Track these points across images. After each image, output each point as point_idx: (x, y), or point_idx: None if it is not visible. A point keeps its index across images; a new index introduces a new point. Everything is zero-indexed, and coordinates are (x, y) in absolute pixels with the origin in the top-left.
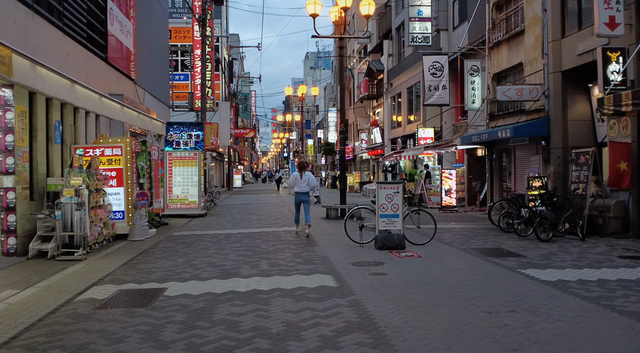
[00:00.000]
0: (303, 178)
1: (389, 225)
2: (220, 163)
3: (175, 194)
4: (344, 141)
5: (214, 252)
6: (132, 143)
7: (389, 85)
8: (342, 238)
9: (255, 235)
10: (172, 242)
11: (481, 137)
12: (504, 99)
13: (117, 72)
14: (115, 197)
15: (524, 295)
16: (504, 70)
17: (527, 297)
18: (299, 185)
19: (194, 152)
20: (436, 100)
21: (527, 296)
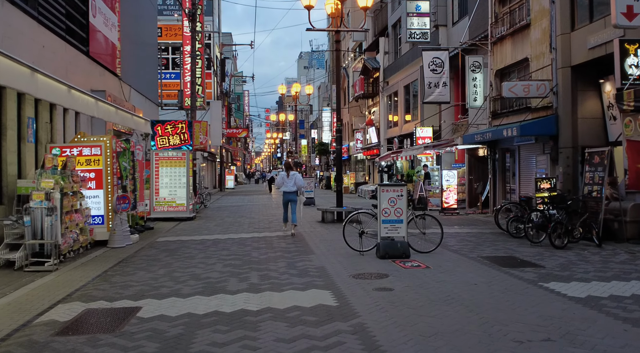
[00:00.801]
0: (290, 178)
1: (392, 231)
2: (212, 163)
3: (162, 196)
4: (341, 140)
5: (199, 262)
6: (112, 142)
7: (385, 83)
8: (340, 245)
9: (245, 241)
10: (155, 249)
11: (484, 136)
12: (510, 95)
13: (100, 67)
14: (94, 200)
15: (555, 317)
16: (507, 66)
17: (559, 319)
18: (286, 185)
19: (182, 152)
20: (436, 98)
21: (560, 318)
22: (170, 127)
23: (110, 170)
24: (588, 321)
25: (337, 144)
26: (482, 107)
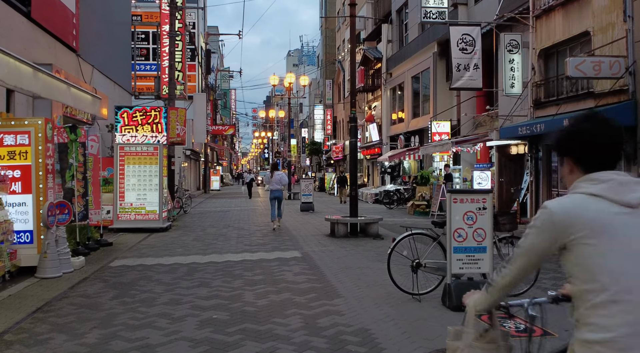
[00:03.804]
0: (275, 177)
1: (469, 265)
2: (196, 163)
3: (128, 201)
4: (355, 131)
5: (160, 313)
6: (47, 126)
7: (388, 75)
8: (373, 278)
9: (234, 268)
10: (102, 281)
11: (533, 129)
12: (577, 74)
13: (49, 36)
14: (19, 209)
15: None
16: (557, 43)
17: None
18: (271, 184)
19: (154, 146)
20: (466, 83)
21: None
22: (139, 114)
23: (43, 166)
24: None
25: (351, 136)
26: (520, 95)
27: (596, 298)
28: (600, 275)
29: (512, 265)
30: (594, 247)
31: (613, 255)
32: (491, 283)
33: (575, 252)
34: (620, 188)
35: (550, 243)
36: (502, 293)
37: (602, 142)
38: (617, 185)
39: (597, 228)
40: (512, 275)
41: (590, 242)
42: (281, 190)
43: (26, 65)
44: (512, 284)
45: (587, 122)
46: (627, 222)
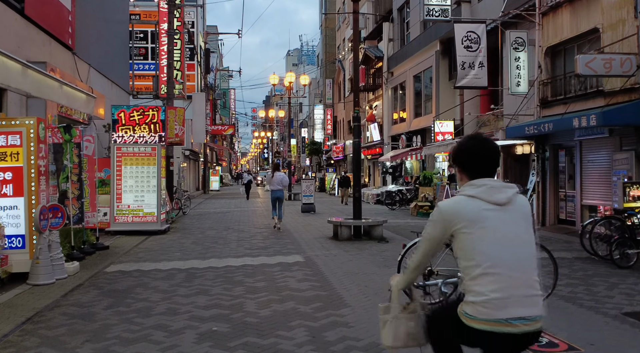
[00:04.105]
0: (276, 177)
1: None
2: (195, 163)
3: (126, 203)
4: (359, 130)
5: (157, 324)
6: (39, 126)
7: (389, 74)
8: (381, 285)
9: (234, 274)
10: (97, 289)
11: (541, 128)
12: (587, 72)
13: (43, 33)
14: (10, 213)
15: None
16: (564, 41)
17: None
18: (272, 184)
19: (152, 146)
20: (471, 82)
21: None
22: (137, 114)
23: (35, 168)
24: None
25: (354, 136)
26: (526, 94)
27: (474, 272)
28: (476, 255)
29: (418, 251)
30: (470, 234)
31: (484, 240)
32: (406, 266)
33: (459, 239)
34: (491, 191)
35: (443, 233)
36: (414, 273)
37: (480, 157)
38: (489, 188)
39: (472, 221)
40: (419, 259)
41: (467, 231)
42: (282, 190)
43: (14, 61)
44: (420, 266)
45: (471, 141)
46: (495, 216)
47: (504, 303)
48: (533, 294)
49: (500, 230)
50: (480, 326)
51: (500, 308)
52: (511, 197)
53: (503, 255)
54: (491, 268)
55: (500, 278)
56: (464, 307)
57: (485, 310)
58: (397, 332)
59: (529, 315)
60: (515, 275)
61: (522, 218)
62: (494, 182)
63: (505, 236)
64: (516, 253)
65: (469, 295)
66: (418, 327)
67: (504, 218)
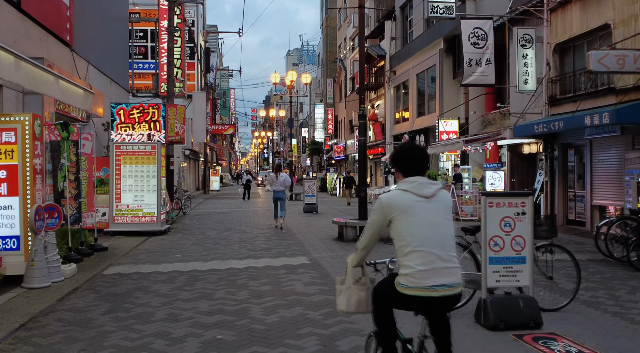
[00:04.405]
0: (279, 178)
1: (507, 278)
2: (195, 162)
3: (125, 203)
4: (365, 129)
5: (157, 331)
6: (35, 123)
7: (391, 73)
8: None
9: (238, 276)
10: (94, 293)
11: (550, 126)
12: (600, 68)
13: (40, 28)
14: (5, 213)
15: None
16: (574, 37)
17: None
18: (275, 185)
19: (152, 145)
20: (478, 79)
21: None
22: (137, 112)
23: (31, 166)
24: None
25: (360, 135)
26: (534, 92)
27: (405, 250)
28: (407, 236)
29: (365, 234)
30: (402, 220)
31: (412, 225)
32: (357, 247)
33: (394, 224)
34: (420, 187)
35: (383, 219)
36: (363, 252)
37: (412, 159)
38: (419, 184)
39: (404, 210)
40: (366, 241)
41: (400, 218)
42: (284, 191)
43: (7, 52)
44: (368, 246)
45: (405, 147)
46: (422, 206)
47: (428, 274)
48: (451, 266)
49: (426, 217)
50: (411, 292)
51: (426, 277)
52: (436, 191)
53: (428, 236)
54: (418, 247)
55: (425, 255)
56: (399, 279)
57: (414, 279)
58: (349, 300)
59: (448, 283)
60: (437, 252)
61: (444, 208)
62: (423, 180)
63: (430, 222)
64: (438, 235)
65: (401, 269)
66: (367, 297)
67: (430, 208)
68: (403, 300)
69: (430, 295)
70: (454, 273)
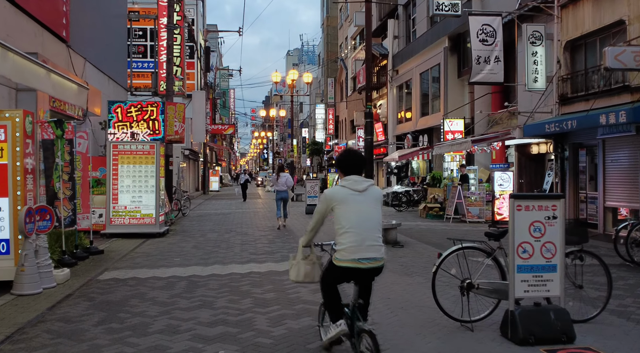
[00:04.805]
0: (281, 179)
1: (536, 287)
2: (195, 163)
3: (122, 204)
4: (371, 127)
5: (154, 345)
6: (25, 120)
7: (394, 72)
8: (403, 295)
9: (240, 282)
10: (88, 301)
11: (563, 126)
12: (616, 65)
13: (36, 23)
14: None
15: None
16: (586, 34)
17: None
18: (277, 185)
19: (150, 144)
20: (486, 77)
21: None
22: (135, 110)
23: (21, 165)
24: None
25: (366, 134)
26: (544, 91)
27: (340, 231)
28: (342, 221)
29: (313, 220)
30: (340, 209)
31: (347, 212)
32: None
33: (334, 212)
34: (355, 183)
35: (326, 208)
36: (311, 234)
37: (350, 162)
38: (354, 181)
39: (341, 201)
40: (313, 224)
41: (338, 207)
42: (287, 191)
43: None
44: (315, 229)
45: (345, 152)
46: (355, 198)
47: (357, 249)
48: (376, 245)
49: (358, 207)
50: (344, 264)
51: (355, 252)
52: (367, 187)
53: (358, 221)
54: (350, 229)
55: (355, 235)
56: (335, 254)
57: (346, 254)
58: (298, 272)
59: (373, 257)
60: (365, 233)
61: (374, 200)
62: (358, 178)
63: (360, 210)
64: (366, 220)
65: (338, 246)
66: (313, 270)
67: (361, 200)
68: (339, 272)
69: (358, 266)
70: (378, 250)
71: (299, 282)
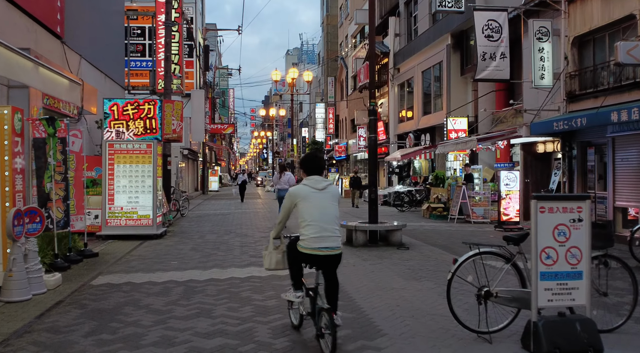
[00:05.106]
0: (283, 178)
1: (561, 296)
2: (194, 163)
3: (119, 205)
4: (375, 125)
5: None
6: (14, 117)
7: (395, 70)
8: (412, 301)
9: (240, 287)
10: (79, 308)
11: (573, 123)
12: (629, 61)
13: (28, 17)
14: None
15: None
16: (594, 29)
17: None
18: (280, 184)
19: (147, 143)
20: (492, 74)
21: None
22: (131, 107)
23: (9, 165)
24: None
25: (370, 132)
26: (551, 88)
27: (303, 224)
28: (305, 215)
29: (280, 214)
30: (302, 205)
31: (308, 208)
32: (276, 223)
33: (297, 207)
34: (315, 182)
35: (291, 204)
36: (280, 227)
37: (311, 163)
38: (315, 181)
39: (304, 198)
40: (280, 219)
41: (301, 203)
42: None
43: None
44: (282, 222)
45: (308, 155)
46: (316, 196)
47: (316, 239)
48: (333, 236)
49: (318, 203)
50: (305, 251)
51: (315, 242)
52: (326, 186)
53: (318, 215)
54: (311, 222)
55: (316, 227)
56: (299, 243)
57: (307, 243)
58: (270, 261)
59: (330, 246)
60: (323, 225)
61: (331, 196)
62: (318, 178)
63: (320, 205)
64: (325, 214)
65: (301, 237)
66: (283, 258)
67: (321, 197)
68: (302, 257)
69: (318, 254)
70: (335, 240)
71: (271, 269)
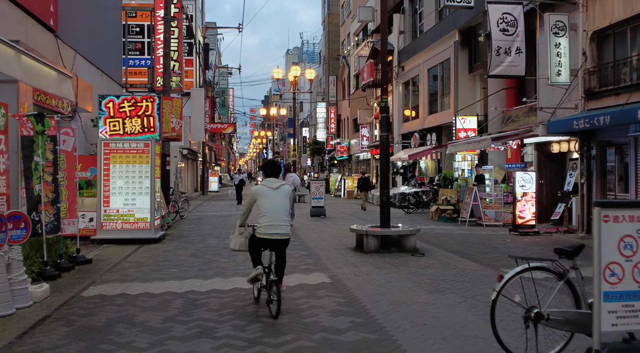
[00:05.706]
0: (287, 178)
1: (627, 320)
2: (194, 163)
3: (115, 207)
4: (387, 123)
5: None
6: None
7: (399, 68)
8: (440, 318)
9: (245, 300)
10: (66, 325)
11: (594, 122)
12: None
13: (18, 9)
14: None
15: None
16: (615, 24)
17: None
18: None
19: (145, 142)
20: (507, 70)
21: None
22: (128, 105)
23: None
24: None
25: (382, 130)
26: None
27: (260, 215)
28: (261, 208)
29: (243, 208)
30: (260, 200)
31: (264, 203)
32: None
33: (257, 202)
34: (271, 183)
35: (252, 200)
36: (243, 218)
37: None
38: (271, 182)
39: (261, 195)
40: (244, 211)
41: (259, 199)
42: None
43: None
44: (245, 214)
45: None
46: (271, 193)
47: (269, 227)
48: (282, 224)
49: (272, 199)
50: (261, 237)
51: (268, 229)
52: (279, 186)
53: (271, 208)
54: (266, 213)
55: (269, 217)
56: (257, 230)
57: (262, 230)
58: (235, 243)
59: (281, 232)
60: (275, 216)
61: (283, 194)
62: (274, 179)
63: (273, 201)
64: (277, 208)
65: (258, 225)
66: (246, 242)
67: (275, 194)
68: (259, 241)
69: (271, 238)
70: (284, 228)
71: (236, 250)
